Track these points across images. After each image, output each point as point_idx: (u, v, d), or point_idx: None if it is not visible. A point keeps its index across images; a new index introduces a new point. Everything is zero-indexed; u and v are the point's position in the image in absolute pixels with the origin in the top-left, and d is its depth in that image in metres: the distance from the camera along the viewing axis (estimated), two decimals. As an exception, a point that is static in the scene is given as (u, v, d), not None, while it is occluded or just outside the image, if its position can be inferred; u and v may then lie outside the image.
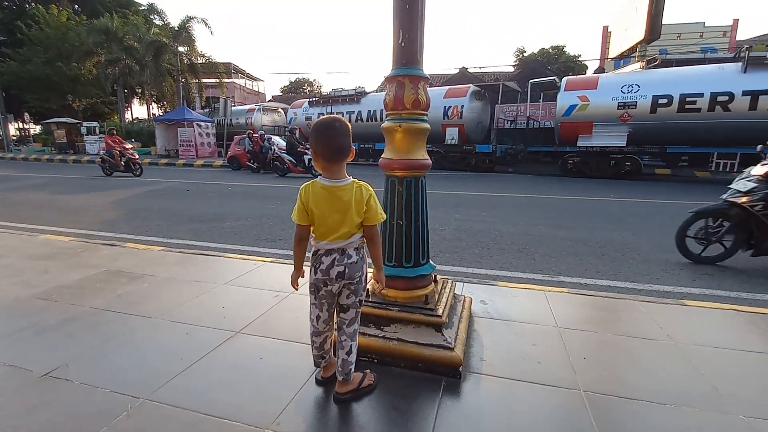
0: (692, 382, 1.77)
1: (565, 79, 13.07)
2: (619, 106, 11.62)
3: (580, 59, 32.81)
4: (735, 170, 11.10)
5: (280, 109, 22.28)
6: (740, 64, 10.37)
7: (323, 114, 18.39)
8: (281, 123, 20.99)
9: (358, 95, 16.83)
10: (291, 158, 11.77)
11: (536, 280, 3.24)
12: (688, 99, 10.67)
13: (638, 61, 14.54)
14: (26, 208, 6.57)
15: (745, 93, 10.11)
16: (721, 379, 1.79)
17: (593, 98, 12.00)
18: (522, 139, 15.06)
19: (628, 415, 1.56)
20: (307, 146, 11.45)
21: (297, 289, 1.66)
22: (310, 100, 18.74)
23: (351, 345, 1.56)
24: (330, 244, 1.48)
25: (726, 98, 10.26)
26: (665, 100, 10.94)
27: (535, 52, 35.02)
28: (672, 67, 12.61)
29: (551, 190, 9.26)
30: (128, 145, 12.21)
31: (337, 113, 18.82)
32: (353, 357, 1.57)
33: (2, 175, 12.15)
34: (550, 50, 34.40)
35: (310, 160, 11.25)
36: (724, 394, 1.68)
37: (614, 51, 15.07)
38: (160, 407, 1.54)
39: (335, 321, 1.64)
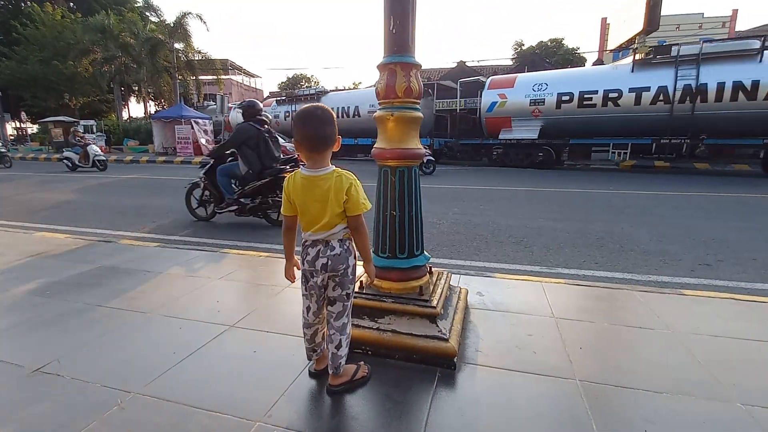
0: (690, 371, 1.76)
1: (489, 78, 14.80)
2: (530, 102, 13.06)
3: (578, 52, 32.63)
4: (626, 159, 13.35)
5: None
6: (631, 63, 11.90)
7: (289, 112, 19.11)
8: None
9: (318, 94, 18.50)
10: None
11: (534, 272, 3.23)
12: (585, 96, 12.14)
13: (637, 53, 14.45)
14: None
15: (630, 90, 11.55)
16: (718, 368, 1.78)
17: (510, 96, 13.44)
18: (456, 133, 16.23)
19: (625, 404, 1.54)
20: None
21: (293, 281, 1.64)
22: (278, 99, 20.08)
23: (340, 339, 1.53)
24: (314, 234, 1.46)
25: (616, 95, 11.72)
26: (567, 97, 12.43)
27: (534, 45, 34.83)
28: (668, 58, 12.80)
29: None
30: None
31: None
32: (343, 351, 1.54)
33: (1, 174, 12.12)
34: (549, 43, 34.20)
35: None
36: (722, 383, 1.67)
37: (613, 43, 14.98)
38: (152, 401, 1.52)
39: (325, 314, 1.62)
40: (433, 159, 11.16)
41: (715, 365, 1.80)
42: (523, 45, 36.13)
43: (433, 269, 2.17)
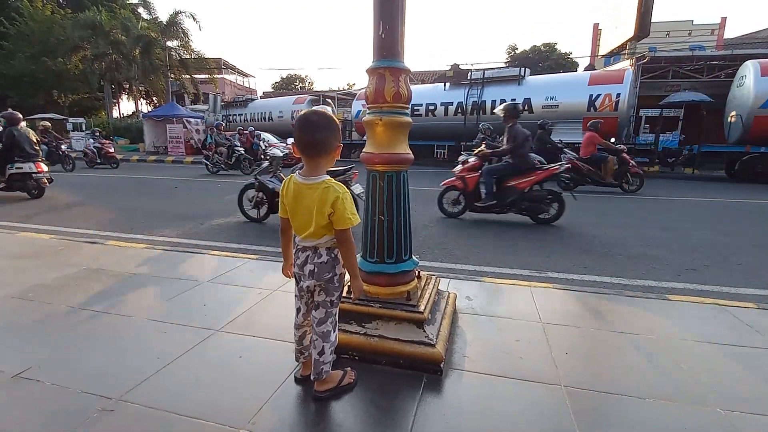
0: (673, 376, 1.78)
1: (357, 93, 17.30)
2: None
3: (571, 56, 32.96)
4: (446, 158, 15.12)
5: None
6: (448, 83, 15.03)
7: (232, 115, 21.70)
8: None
9: (246, 101, 23.05)
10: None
11: (524, 276, 3.24)
12: (414, 107, 14.56)
13: (628, 59, 14.66)
14: None
15: (442, 104, 14.71)
16: (701, 373, 1.80)
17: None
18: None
19: (609, 410, 1.56)
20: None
21: (289, 277, 1.62)
22: (224, 103, 22.41)
23: (323, 346, 1.52)
24: (303, 241, 1.46)
25: (433, 107, 14.85)
26: (421, 108, 15.01)
27: (527, 49, 35.09)
28: (660, 64, 12.99)
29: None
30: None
31: (231, 115, 21.83)
32: (326, 358, 1.53)
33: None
34: (542, 48, 34.49)
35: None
36: (705, 388, 1.69)
37: (604, 48, 15.16)
38: (133, 408, 1.49)
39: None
40: None
41: (698, 370, 1.82)
42: (517, 49, 36.40)
43: (421, 274, 2.17)
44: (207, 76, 25.47)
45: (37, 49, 23.04)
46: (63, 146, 12.09)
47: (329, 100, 21.54)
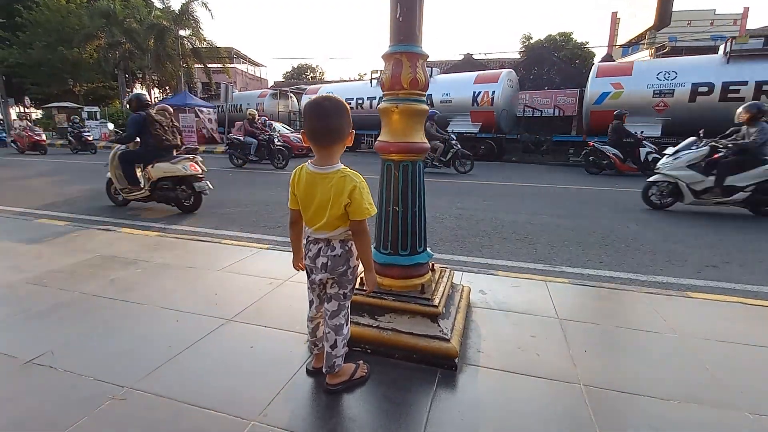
0: (697, 377, 1.71)
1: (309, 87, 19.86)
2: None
3: (587, 46, 32.15)
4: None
5: None
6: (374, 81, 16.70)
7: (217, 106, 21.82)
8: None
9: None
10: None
11: (538, 270, 3.18)
12: (357, 100, 17.14)
13: (647, 48, 14.25)
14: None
15: (368, 98, 16.81)
16: (726, 374, 1.73)
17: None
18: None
19: (629, 410, 1.50)
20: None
21: (298, 269, 1.59)
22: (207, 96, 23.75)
23: (335, 339, 1.49)
24: (315, 233, 1.41)
25: (363, 101, 17.03)
26: (352, 102, 16.99)
27: (542, 38, 34.33)
28: (681, 55, 12.60)
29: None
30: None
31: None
32: (339, 351, 1.50)
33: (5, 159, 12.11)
34: (557, 37, 33.69)
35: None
36: (730, 390, 1.62)
37: (623, 38, 14.75)
38: (144, 396, 1.49)
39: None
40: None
41: (722, 371, 1.75)
42: (531, 38, 35.63)
43: (435, 266, 2.12)
44: (219, 65, 25.46)
45: (53, 38, 23.26)
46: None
47: (290, 94, 21.87)
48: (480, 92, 14.13)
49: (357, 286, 1.72)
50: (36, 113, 27.98)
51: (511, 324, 2.14)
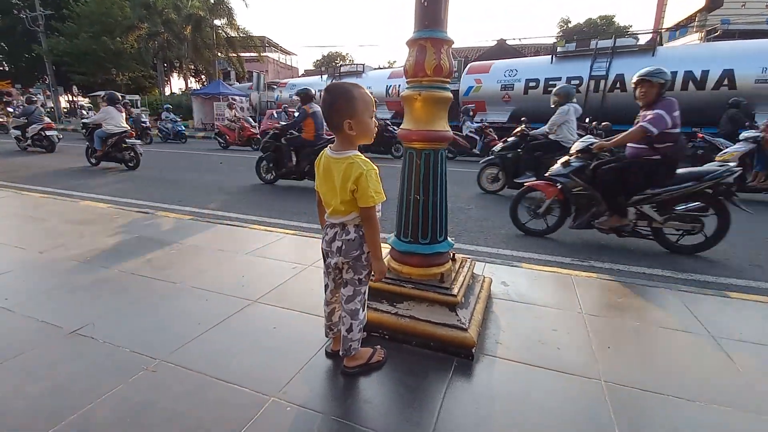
0: (728, 380, 1.63)
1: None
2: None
3: (630, 31, 30.38)
4: None
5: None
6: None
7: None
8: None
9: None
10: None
11: (566, 264, 3.09)
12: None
13: (697, 32, 13.30)
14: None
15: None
16: (762, 379, 1.64)
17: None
18: None
19: (653, 410, 1.46)
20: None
21: None
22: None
23: (351, 323, 1.52)
24: (330, 217, 1.45)
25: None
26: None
27: (581, 22, 32.72)
28: (734, 38, 11.66)
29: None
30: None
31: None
32: (354, 335, 1.53)
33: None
34: (598, 21, 32.03)
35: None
36: (764, 396, 1.54)
37: (670, 20, 13.83)
38: (174, 369, 1.58)
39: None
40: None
41: (757, 375, 1.66)
42: (570, 22, 34.07)
43: (456, 256, 2.11)
44: (253, 54, 25.95)
45: (97, 29, 24.35)
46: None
47: (276, 86, 21.66)
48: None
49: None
50: (83, 101, 29.54)
51: (532, 317, 2.11)
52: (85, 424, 1.29)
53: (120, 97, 8.16)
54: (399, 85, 14.97)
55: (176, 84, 36.07)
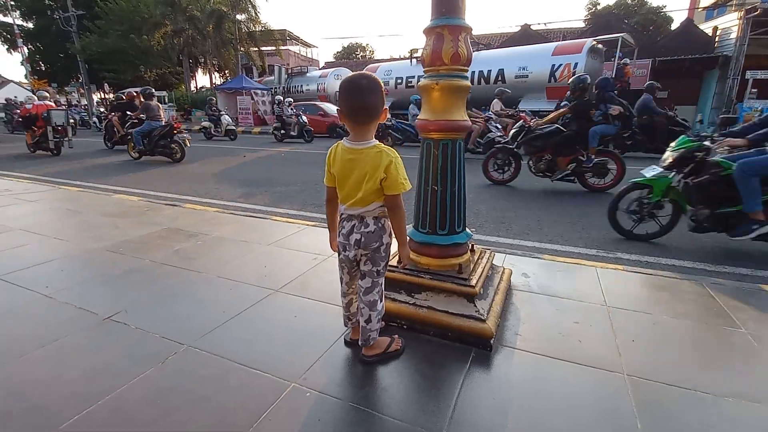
0: (761, 375, 1.57)
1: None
2: None
3: (664, 10, 28.86)
4: None
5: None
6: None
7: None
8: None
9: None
10: None
11: (590, 255, 3.02)
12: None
13: (735, 11, 12.50)
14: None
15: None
16: (799, 376, 1.56)
17: None
18: None
19: (678, 405, 1.42)
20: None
21: (336, 251, 1.65)
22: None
23: (370, 314, 1.53)
24: (349, 209, 1.45)
25: None
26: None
27: (611, 4, 31.29)
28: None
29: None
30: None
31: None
32: (373, 326, 1.55)
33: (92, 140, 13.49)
34: (629, 1, 30.55)
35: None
36: (801, 392, 1.47)
37: (708, -1, 13.04)
38: (201, 354, 1.65)
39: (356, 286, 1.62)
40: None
41: (795, 372, 1.58)
42: (599, 4, 32.63)
43: (475, 247, 2.10)
44: (273, 48, 26.17)
45: (125, 27, 25.11)
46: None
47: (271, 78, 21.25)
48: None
49: (393, 264, 1.75)
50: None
51: (553, 309, 2.07)
52: (118, 406, 1.37)
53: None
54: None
55: (201, 80, 36.89)
